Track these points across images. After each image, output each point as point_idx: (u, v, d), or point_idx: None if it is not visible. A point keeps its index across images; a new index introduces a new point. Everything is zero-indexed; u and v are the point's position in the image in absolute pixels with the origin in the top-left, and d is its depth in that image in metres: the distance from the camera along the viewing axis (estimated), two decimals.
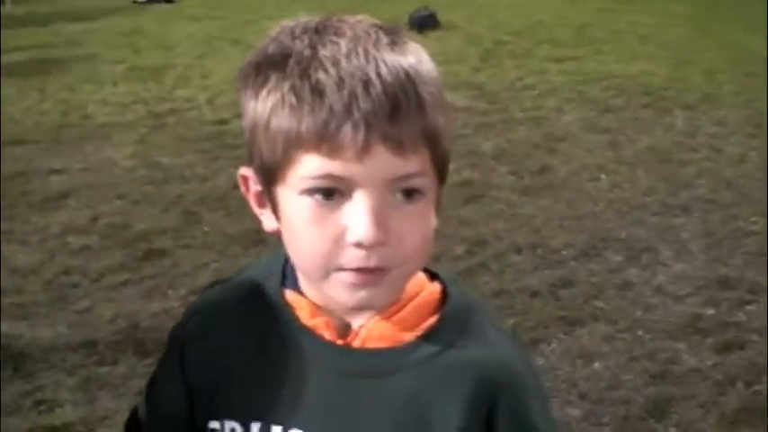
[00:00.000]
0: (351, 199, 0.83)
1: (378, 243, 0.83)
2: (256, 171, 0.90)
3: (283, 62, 0.84)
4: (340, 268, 0.85)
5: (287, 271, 0.96)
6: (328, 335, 0.92)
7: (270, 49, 0.86)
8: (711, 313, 3.52)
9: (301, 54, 0.83)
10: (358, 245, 0.83)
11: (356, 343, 0.92)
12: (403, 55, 0.84)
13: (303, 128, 0.81)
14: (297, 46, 0.84)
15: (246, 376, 0.95)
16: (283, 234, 0.90)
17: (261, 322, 0.95)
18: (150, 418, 1.04)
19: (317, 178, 0.83)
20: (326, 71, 0.81)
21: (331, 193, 0.83)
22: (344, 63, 0.82)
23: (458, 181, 4.77)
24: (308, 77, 0.82)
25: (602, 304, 3.60)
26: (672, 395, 3.00)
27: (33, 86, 7.29)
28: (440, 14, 9.54)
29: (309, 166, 0.83)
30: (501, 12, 10.63)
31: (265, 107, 0.84)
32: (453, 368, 0.91)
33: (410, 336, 0.92)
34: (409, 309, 0.92)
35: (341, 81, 0.81)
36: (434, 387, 0.90)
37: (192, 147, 5.66)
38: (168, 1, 11.96)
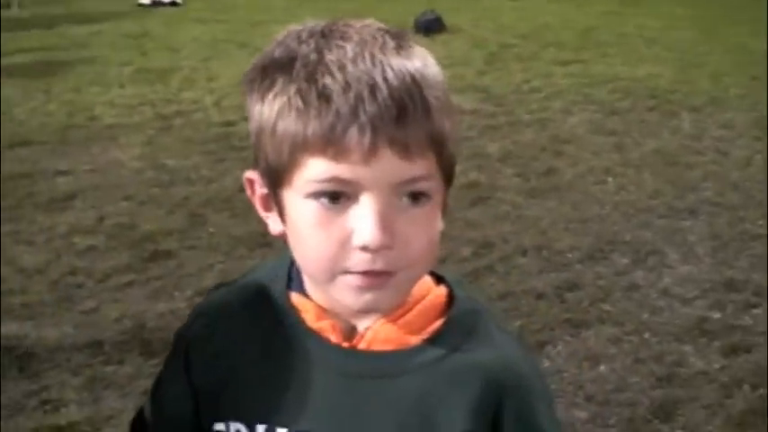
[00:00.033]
0: (357, 202, 0.83)
1: (384, 246, 0.83)
2: (262, 174, 0.90)
3: (290, 66, 0.84)
4: (346, 271, 0.85)
5: (292, 274, 0.96)
6: (334, 337, 0.92)
7: (276, 53, 0.86)
8: (717, 316, 3.52)
9: (308, 58, 0.84)
10: (364, 248, 0.83)
11: (362, 345, 0.92)
12: (409, 59, 0.84)
13: (309, 131, 0.82)
14: (303, 50, 0.84)
15: (252, 378, 0.95)
16: (289, 237, 0.90)
17: (266, 325, 0.95)
18: (156, 419, 1.04)
19: (323, 182, 0.83)
20: (333, 75, 0.82)
21: (337, 197, 0.84)
22: (351, 67, 0.82)
23: (464, 183, 4.76)
24: (315, 81, 0.82)
25: (608, 307, 3.60)
26: (678, 398, 3.00)
27: (39, 88, 7.28)
28: (446, 18, 9.53)
29: (315, 170, 0.83)
30: (507, 15, 10.63)
31: (272, 111, 0.84)
32: (459, 371, 0.91)
33: (416, 339, 0.92)
34: (415, 312, 0.92)
35: (347, 85, 0.81)
36: (440, 390, 0.90)
37: (199, 149, 5.67)
38: (173, 4, 11.97)
